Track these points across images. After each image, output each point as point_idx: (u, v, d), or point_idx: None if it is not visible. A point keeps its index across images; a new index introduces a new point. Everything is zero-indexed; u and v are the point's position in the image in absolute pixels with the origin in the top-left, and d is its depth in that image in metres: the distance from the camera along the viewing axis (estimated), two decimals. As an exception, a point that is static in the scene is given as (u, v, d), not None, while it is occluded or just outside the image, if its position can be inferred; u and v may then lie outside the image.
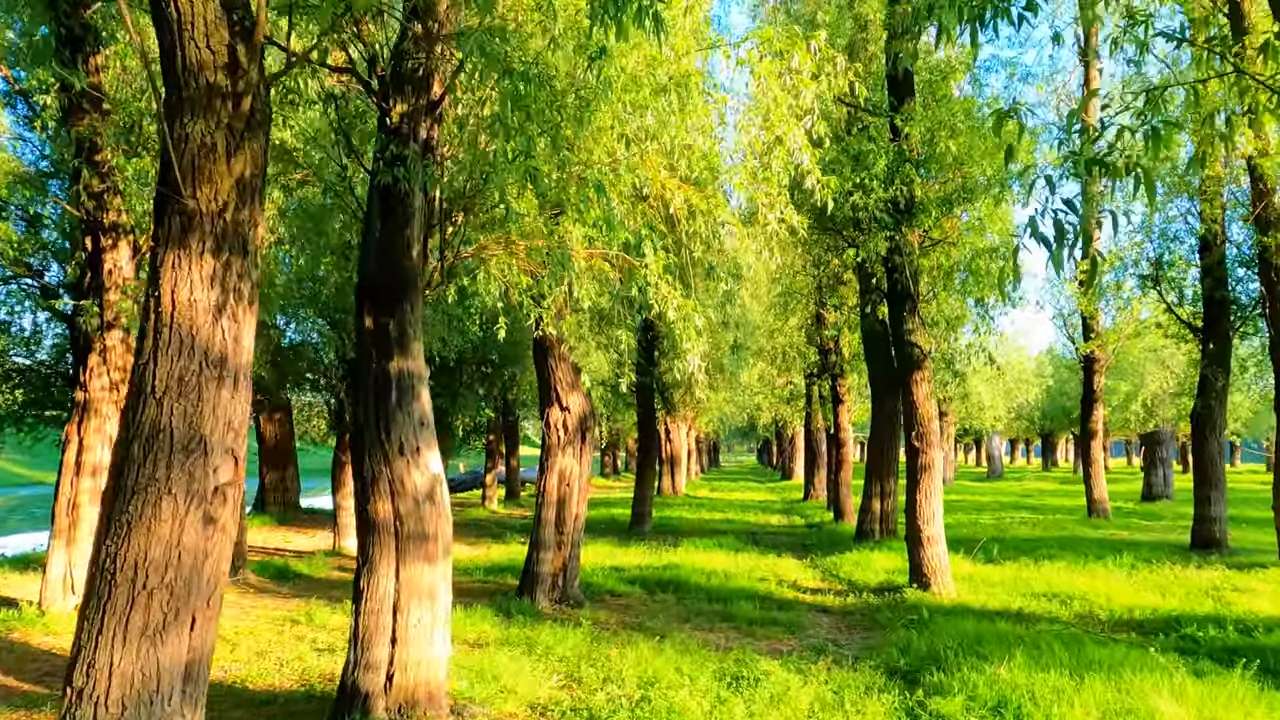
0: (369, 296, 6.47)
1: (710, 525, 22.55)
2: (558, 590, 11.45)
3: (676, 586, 12.66)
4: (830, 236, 14.88)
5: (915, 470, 12.20)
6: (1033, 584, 12.23)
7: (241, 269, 3.95)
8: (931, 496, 12.09)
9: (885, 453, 17.40)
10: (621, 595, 12.24)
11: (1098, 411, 21.16)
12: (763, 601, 11.82)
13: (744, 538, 19.38)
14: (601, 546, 17.59)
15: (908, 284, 12.29)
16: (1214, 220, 15.11)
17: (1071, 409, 50.72)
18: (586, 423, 11.68)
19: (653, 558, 16.06)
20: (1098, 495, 21.27)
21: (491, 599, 11.42)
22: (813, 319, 23.56)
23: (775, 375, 34.38)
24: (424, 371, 6.48)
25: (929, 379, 12.30)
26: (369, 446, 6.23)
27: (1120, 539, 17.45)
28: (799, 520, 24.33)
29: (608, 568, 14.48)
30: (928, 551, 11.97)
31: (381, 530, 6.16)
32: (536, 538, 11.44)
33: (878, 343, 17.42)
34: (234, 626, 10.08)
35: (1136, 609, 10.60)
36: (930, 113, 11.88)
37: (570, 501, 11.58)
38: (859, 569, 14.16)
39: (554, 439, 11.53)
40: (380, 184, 6.39)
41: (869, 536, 17.15)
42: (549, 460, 11.53)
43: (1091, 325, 20.73)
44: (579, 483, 11.66)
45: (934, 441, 12.19)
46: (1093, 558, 14.47)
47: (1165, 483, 29.04)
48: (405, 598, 6.12)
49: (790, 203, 7.65)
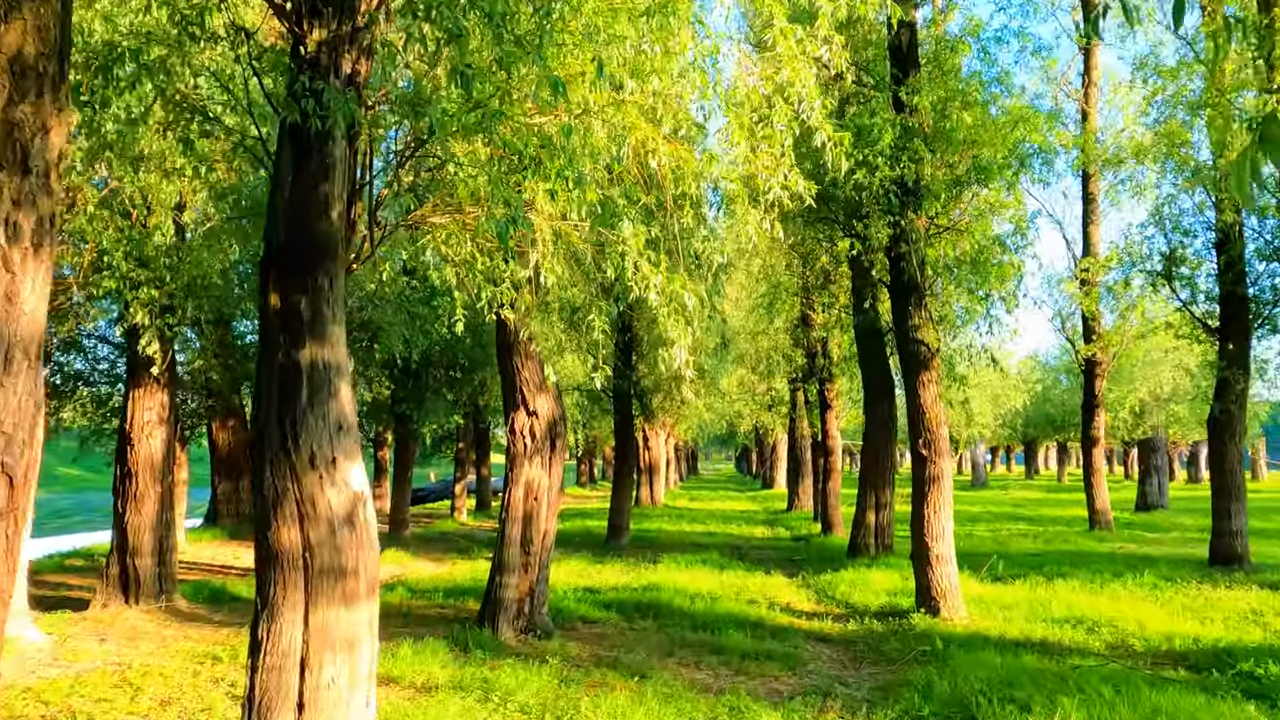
0: (276, 267, 5.15)
1: (692, 538, 21.27)
2: (523, 618, 10.11)
3: (657, 611, 11.36)
4: (821, 228, 13.67)
5: (923, 481, 10.98)
6: (1051, 607, 11.03)
7: (18, 193, 2.64)
8: (941, 511, 10.87)
9: (880, 461, 16.19)
10: (596, 622, 10.92)
11: (1099, 417, 20.07)
12: (754, 629, 10.54)
13: (728, 552, 18.11)
14: (575, 563, 16.26)
15: (914, 274, 11.08)
16: (1236, 208, 14.04)
17: (1056, 416, 50.00)
18: (557, 429, 10.38)
19: (631, 576, 14.74)
20: (1100, 506, 20.17)
21: (449, 628, 10.06)
22: (798, 320, 22.37)
23: (756, 381, 33.25)
24: (345, 364, 5.16)
25: (937, 380, 11.10)
26: (270, 457, 4.90)
27: (1130, 554, 16.33)
28: (784, 532, 23.09)
29: (581, 589, 13.15)
30: (937, 572, 10.75)
31: (286, 564, 4.82)
32: (500, 559, 10.11)
33: (872, 343, 16.23)
34: (144, 665, 8.67)
35: (1176, 638, 9.41)
36: (940, 83, 10.69)
37: (538, 517, 10.26)
38: (857, 589, 12.91)
39: (520, 447, 10.21)
40: (289, 124, 5.07)
41: (863, 552, 15.93)
42: (514, 471, 10.21)
43: (1093, 326, 19.66)
44: (548, 496, 10.35)
45: (944, 449, 10.98)
46: (1109, 575, 13.31)
47: (1160, 491, 28.07)
48: (316, 650, 4.78)
49: (795, 165, 6.40)
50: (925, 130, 10.49)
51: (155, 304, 10.90)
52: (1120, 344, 19.27)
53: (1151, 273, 15.90)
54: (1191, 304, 15.42)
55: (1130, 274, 16.52)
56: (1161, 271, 15.50)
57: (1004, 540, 18.86)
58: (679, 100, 5.97)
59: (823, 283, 18.66)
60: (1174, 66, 14.81)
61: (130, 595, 11.59)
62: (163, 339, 11.56)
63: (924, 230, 11.19)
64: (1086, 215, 19.91)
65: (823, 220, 13.19)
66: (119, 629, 10.52)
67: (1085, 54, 19.72)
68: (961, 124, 10.29)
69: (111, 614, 11.27)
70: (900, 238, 11.10)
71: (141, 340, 11.32)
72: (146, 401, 11.82)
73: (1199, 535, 19.67)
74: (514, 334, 10.06)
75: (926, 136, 10.42)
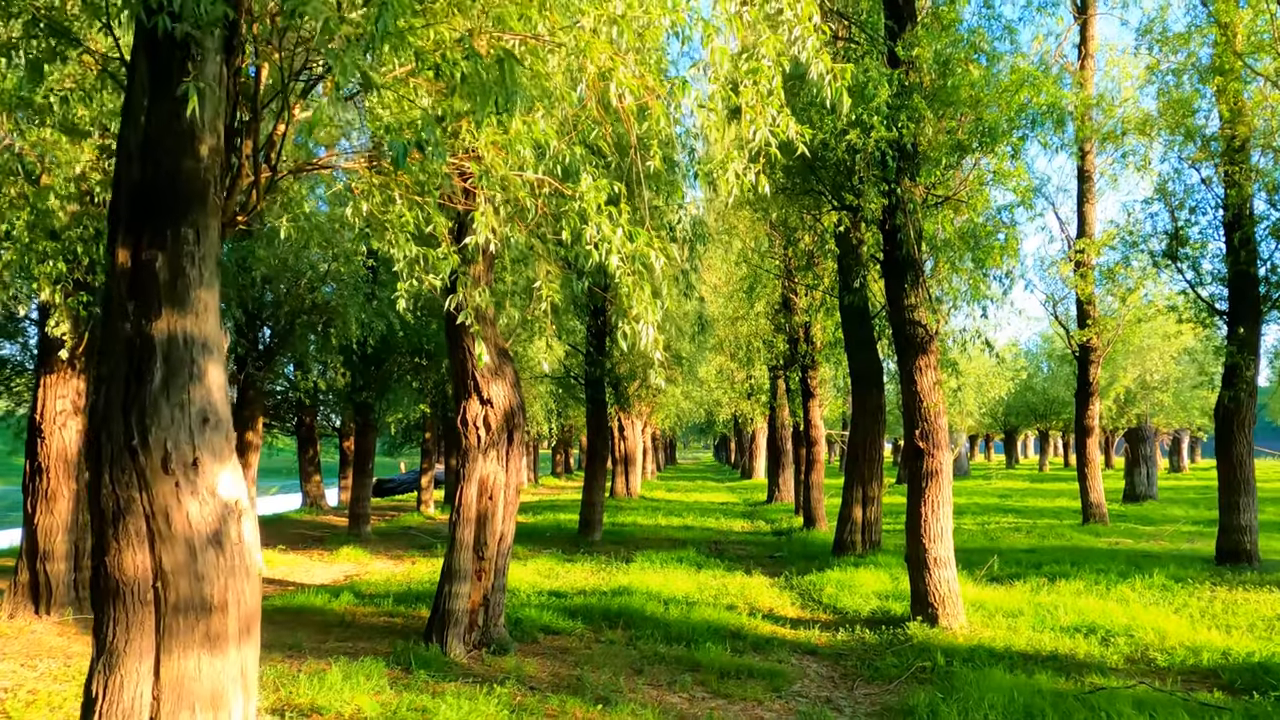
0: (125, 215, 4.01)
1: (668, 533, 20.24)
2: (476, 631, 9.03)
3: (628, 619, 10.31)
4: (807, 201, 12.61)
5: (919, 476, 9.98)
6: (1058, 613, 10.07)
7: None
8: (940, 509, 9.88)
9: (867, 453, 15.20)
10: (560, 633, 9.85)
11: (1094, 406, 19.17)
12: (734, 640, 9.53)
13: (706, 549, 17.10)
14: (542, 562, 15.19)
15: (910, 249, 10.05)
16: (1246, 182, 13.11)
17: (1038, 405, 49.38)
18: (515, 420, 9.28)
19: (602, 577, 13.70)
20: (1095, 499, 19.29)
21: (392, 643, 8.97)
22: (780, 304, 21.35)
23: (736, 369, 32.28)
24: (216, 339, 4.05)
25: (935, 365, 10.10)
26: (111, 459, 3.78)
27: (1131, 550, 15.45)
28: (765, 526, 22.11)
29: (546, 593, 12.09)
30: (935, 576, 9.76)
31: (130, 598, 3.72)
32: (450, 565, 9.01)
33: (859, 327, 15.22)
34: (32, 692, 7.50)
35: (1203, 651, 8.46)
36: (940, 35, 9.64)
37: (493, 518, 9.16)
38: (845, 592, 11.92)
39: (473, 439, 9.10)
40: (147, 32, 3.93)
41: (850, 549, 14.95)
42: (466, 467, 9.11)
43: (1088, 311, 18.74)
44: (505, 495, 9.25)
45: (943, 441, 9.97)
46: (1114, 575, 12.39)
47: (1149, 482, 27.32)
48: (169, 711, 3.68)
49: (785, 105, 5.32)
50: (925, 86, 9.43)
51: (66, 280, 9.70)
52: (1116, 329, 18.35)
53: (1154, 253, 14.95)
54: (1198, 285, 14.50)
55: (1131, 254, 15.57)
56: (1165, 251, 14.56)
57: (995, 535, 17.96)
58: (645, 18, 4.86)
59: (806, 264, 17.62)
60: (1183, 32, 13.84)
61: (41, 605, 10.41)
62: (76, 319, 10.37)
63: (921, 200, 10.16)
64: (1081, 194, 18.97)
65: (809, 193, 12.15)
66: (20, 644, 9.34)
67: (1082, 25, 18.74)
68: (965, 79, 9.25)
69: (17, 626, 10.07)
70: (895, 208, 10.06)
71: (50, 320, 10.13)
72: (59, 389, 10.61)
73: (1196, 529, 18.89)
74: (460, 305, 8.94)
75: (927, 93, 9.37)
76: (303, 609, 11.12)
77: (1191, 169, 14.52)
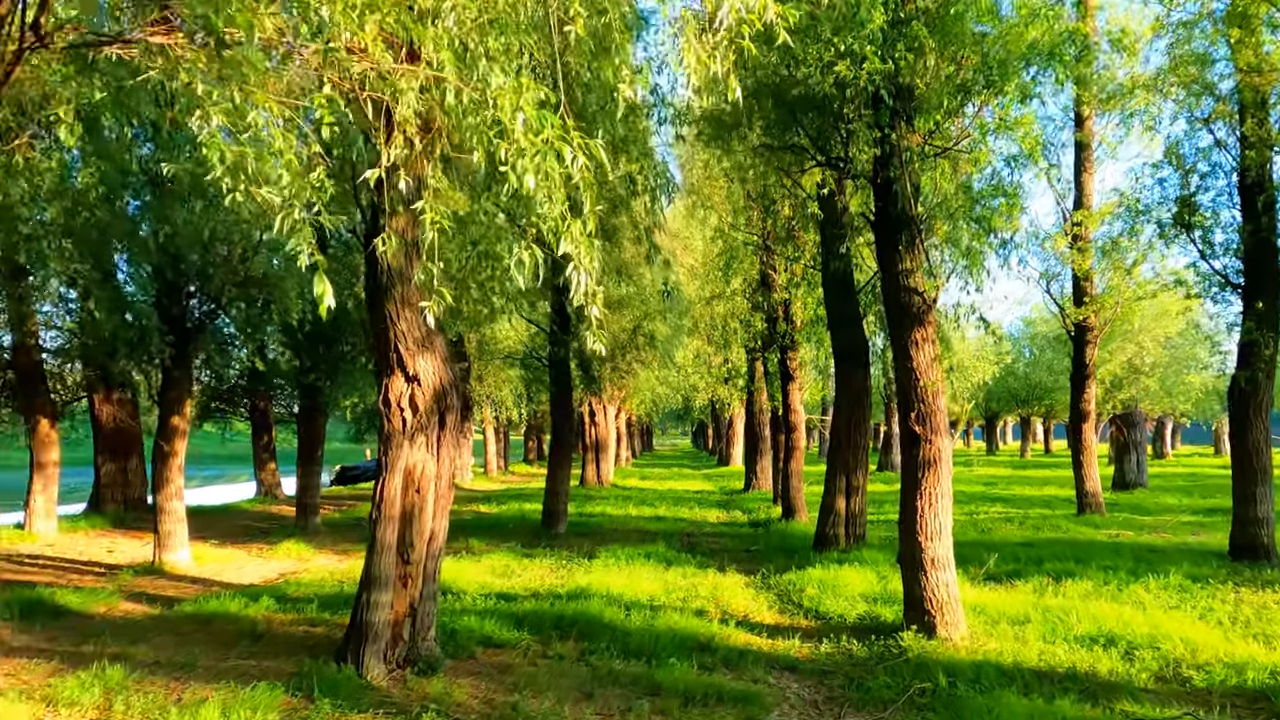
0: None
1: (638, 524, 18.97)
2: (401, 646, 7.71)
3: (583, 629, 9.01)
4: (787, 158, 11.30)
5: (914, 465, 8.74)
6: (1070, 620, 8.88)
7: None
8: (938, 503, 8.64)
9: (851, 438, 13.95)
10: (502, 646, 8.54)
11: (1090, 389, 18.01)
12: (702, 653, 8.27)
13: (677, 542, 15.86)
14: (498, 558, 13.88)
15: (905, 206, 8.77)
16: (1267, 142, 11.93)
17: (1019, 390, 48.53)
18: (447, 400, 7.93)
19: (560, 575, 12.42)
20: (1091, 488, 18.14)
21: (300, 661, 7.63)
22: (757, 281, 20.07)
23: (713, 354, 31.05)
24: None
25: (933, 338, 8.84)
26: None
27: (1134, 544, 14.32)
28: (741, 516, 20.89)
29: (494, 595, 10.79)
30: (932, 579, 8.53)
31: None
32: (369, 571, 7.68)
33: (844, 301, 13.96)
34: None
35: (1246, 668, 7.29)
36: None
37: (421, 515, 7.83)
38: (828, 594, 10.69)
39: (396, 423, 7.76)
40: None
41: (832, 544, 13.72)
42: (389, 455, 7.76)
43: (1085, 288, 17.57)
44: (435, 487, 7.92)
45: (942, 425, 8.73)
46: (1124, 574, 11.23)
47: (1139, 469, 26.34)
48: None
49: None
50: (929, 13, 8.14)
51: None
52: (1115, 307, 17.19)
53: (1163, 222, 13.77)
54: (1210, 256, 13.33)
55: (1137, 223, 14.37)
56: (1175, 218, 13.37)
57: (986, 527, 16.81)
58: None
59: (786, 235, 16.33)
60: (1200, -24, 12.62)
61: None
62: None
63: (918, 150, 8.88)
64: (1079, 162, 17.78)
65: (790, 148, 10.83)
66: None
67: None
68: (973, 5, 7.96)
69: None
70: (889, 159, 8.78)
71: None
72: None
73: (1197, 520, 17.86)
74: (383, 272, 7.59)
75: (929, 19, 8.07)
76: (213, 617, 9.76)
77: (1205, 130, 13.33)
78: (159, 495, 14.19)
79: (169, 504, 14.10)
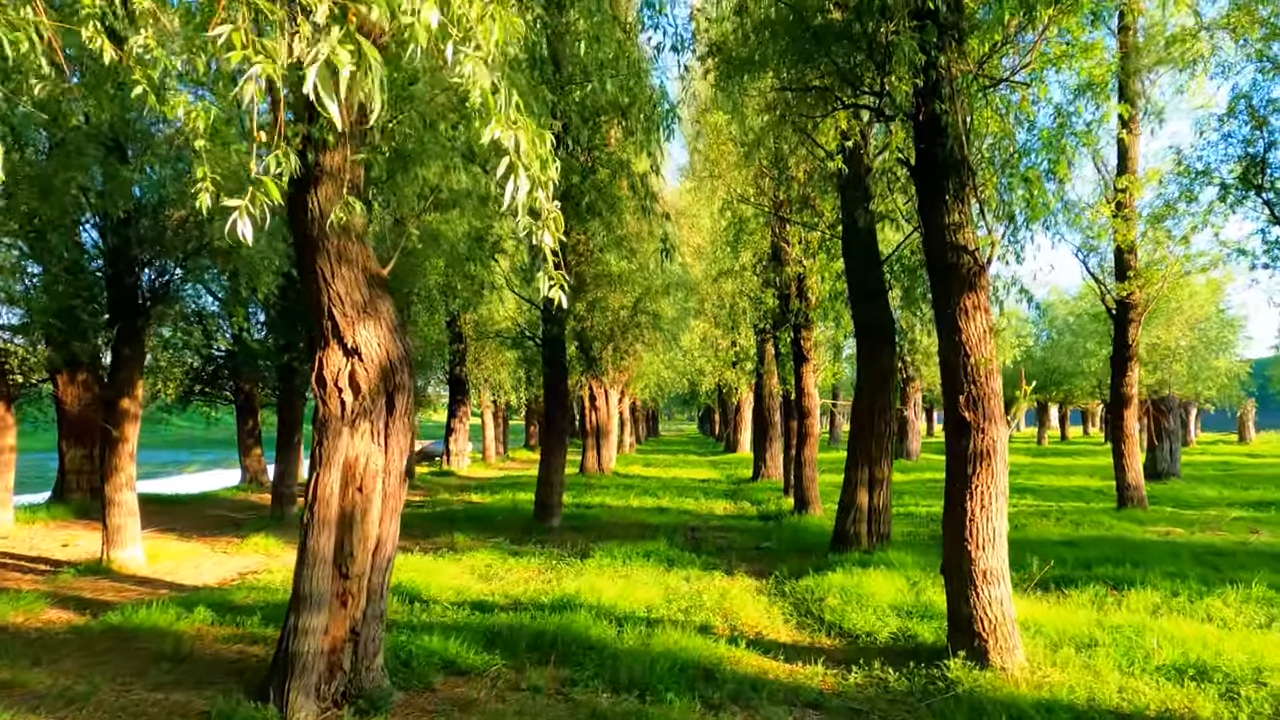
0: None
1: (639, 516, 17.56)
2: (340, 678, 6.30)
3: (566, 651, 7.60)
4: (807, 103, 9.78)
5: (963, 458, 7.28)
6: (1146, 644, 7.44)
7: None
8: (992, 504, 7.19)
9: (875, 425, 12.48)
10: (468, 674, 7.13)
11: (1133, 372, 16.45)
12: (707, 683, 6.87)
13: (681, 538, 14.45)
14: (481, 557, 12.49)
15: (954, 146, 7.28)
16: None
17: (1036, 375, 46.86)
18: (397, 378, 6.50)
19: (546, 580, 11.02)
20: (1132, 479, 16.58)
21: (213, 699, 6.24)
22: (769, 255, 18.56)
23: (720, 335, 29.63)
24: None
25: (986, 306, 7.37)
26: None
27: (1190, 544, 12.84)
28: (750, 508, 19.45)
29: (468, 604, 9.39)
30: (984, 595, 7.09)
31: None
32: (298, 589, 6.26)
33: (867, 272, 12.45)
34: None
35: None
36: None
37: (365, 519, 6.41)
38: (853, 605, 9.25)
39: (333, 406, 6.33)
40: None
41: (853, 543, 12.28)
42: (324, 445, 6.34)
43: (1129, 261, 16.02)
44: (383, 484, 6.50)
45: (996, 411, 7.27)
46: (1194, 582, 9.78)
47: (1173, 458, 24.79)
48: None
49: None
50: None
51: None
52: (1162, 282, 15.64)
53: (1226, 183, 12.23)
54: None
55: (1192, 187, 12.82)
56: (1242, 178, 11.83)
57: (1020, 522, 15.32)
58: None
59: (802, 201, 14.82)
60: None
61: None
62: None
63: (969, 80, 7.39)
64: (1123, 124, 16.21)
65: (810, 90, 9.30)
66: None
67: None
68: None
69: None
70: (934, 90, 7.28)
71: None
72: None
73: (1248, 515, 16.36)
74: (313, 220, 6.14)
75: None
76: (137, 632, 8.37)
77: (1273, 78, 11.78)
78: (107, 486, 12.80)
79: (118, 495, 12.72)
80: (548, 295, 3.58)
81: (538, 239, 3.09)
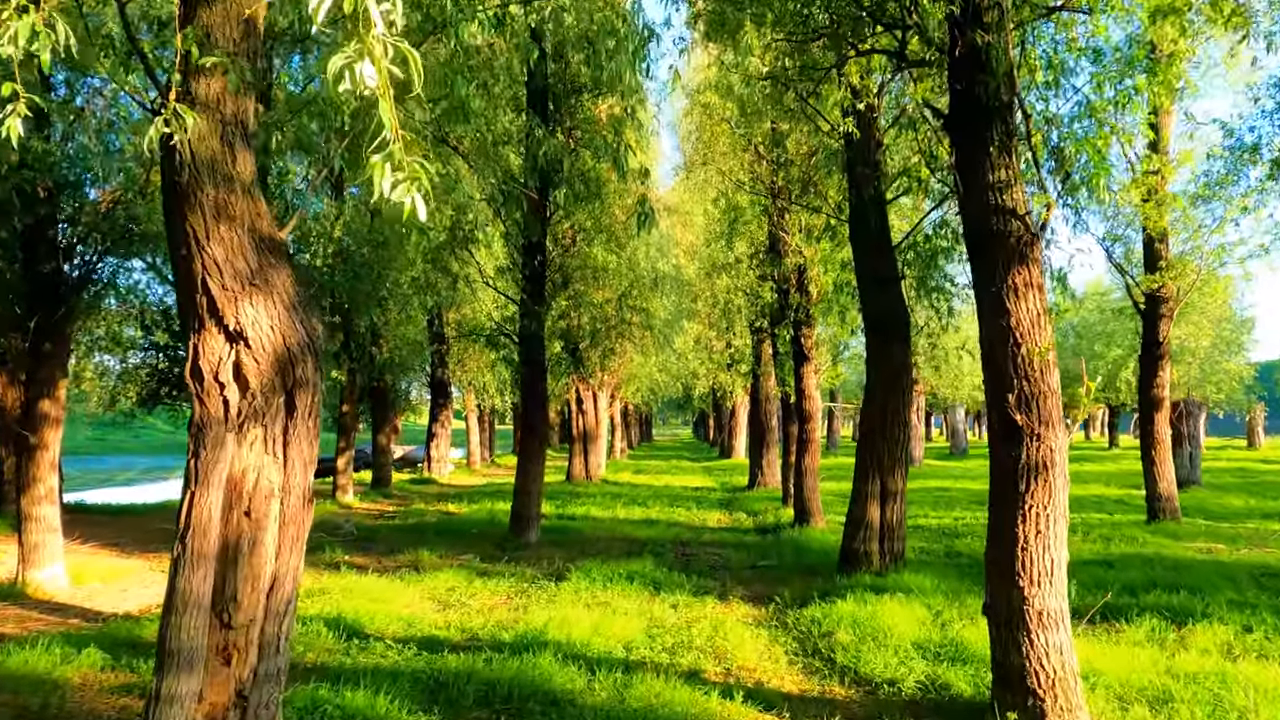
0: None
1: (625, 530, 16.12)
2: (220, 759, 4.86)
3: (520, 710, 6.17)
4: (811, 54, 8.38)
5: (1013, 472, 5.87)
6: (1236, 699, 6.05)
7: None
8: (1050, 529, 5.79)
9: (888, 430, 11.07)
10: (396, 741, 5.71)
11: (1164, 372, 15.06)
12: (696, 756, 5.44)
13: (670, 555, 13.04)
14: (444, 578, 11.05)
15: (999, 89, 5.89)
16: None
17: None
18: (297, 371, 5.07)
19: (512, 608, 9.59)
20: (1165, 489, 15.16)
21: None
22: (766, 246, 17.19)
23: (714, 337, 28.30)
24: None
25: (1039, 283, 5.97)
26: None
27: (1239, 564, 11.46)
28: (746, 520, 18.04)
29: (415, 643, 7.95)
30: (1040, 642, 5.68)
31: None
32: (164, 643, 4.81)
33: (878, 259, 11.06)
34: None
35: None
36: None
37: (254, 551, 4.98)
38: (868, 643, 7.83)
39: (214, 407, 4.90)
40: None
41: (863, 563, 10.86)
42: (200, 457, 4.89)
43: (1159, 251, 14.66)
44: (282, 508, 5.07)
45: (1054, 414, 5.86)
46: (1265, 612, 8.38)
47: (1194, 465, 23.45)
48: None
49: None
50: None
51: None
52: (1196, 275, 14.26)
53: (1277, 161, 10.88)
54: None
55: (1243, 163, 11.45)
56: (1301, 154, 10.47)
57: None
58: None
59: (803, 183, 13.44)
60: None
61: None
62: None
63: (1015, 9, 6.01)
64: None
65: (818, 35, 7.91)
66: None
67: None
68: None
69: None
70: (974, 18, 5.89)
71: None
72: None
73: (1288, 527, 15.00)
74: (183, 166, 4.71)
75: None
76: (12, 678, 6.92)
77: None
78: (24, 499, 11.35)
79: (35, 509, 11.29)
80: (390, 198, 2.24)
81: (357, 83, 1.73)
